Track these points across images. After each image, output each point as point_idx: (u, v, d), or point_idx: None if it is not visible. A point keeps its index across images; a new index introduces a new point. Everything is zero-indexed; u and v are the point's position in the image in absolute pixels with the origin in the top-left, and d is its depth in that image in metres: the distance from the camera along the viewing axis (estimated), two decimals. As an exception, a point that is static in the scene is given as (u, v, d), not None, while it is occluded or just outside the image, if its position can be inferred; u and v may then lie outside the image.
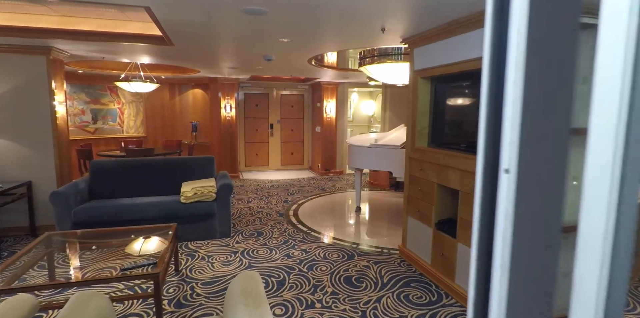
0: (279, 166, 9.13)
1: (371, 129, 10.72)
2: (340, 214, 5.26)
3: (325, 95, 8.22)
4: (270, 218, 4.98)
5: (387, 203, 5.92)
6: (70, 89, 6.88)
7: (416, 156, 3.44)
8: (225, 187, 4.10)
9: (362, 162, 4.75)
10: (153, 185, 4.41)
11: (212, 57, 4.94)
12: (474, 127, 2.83)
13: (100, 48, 4.34)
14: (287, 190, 6.73)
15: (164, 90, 7.97)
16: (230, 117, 7.77)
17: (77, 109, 7.04)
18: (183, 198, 3.97)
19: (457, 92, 3.07)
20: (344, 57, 6.71)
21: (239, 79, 7.71)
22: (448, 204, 3.20)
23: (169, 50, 4.43)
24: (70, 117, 6.92)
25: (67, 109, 4.66)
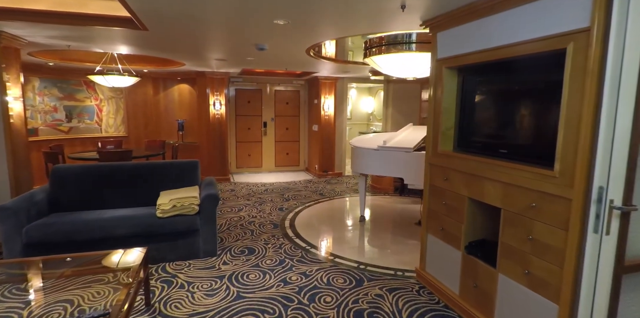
0: (273, 167, 8.51)
1: (370, 127, 10.15)
2: (343, 225, 4.67)
3: (323, 91, 7.61)
4: (264, 230, 4.37)
5: (393, 210, 5.34)
6: (40, 83, 6.19)
7: (439, 162, 2.85)
8: (209, 198, 3.48)
9: (368, 167, 4.16)
10: (126, 195, 3.77)
11: (196, 46, 4.30)
12: (522, 128, 2.24)
13: (62, 33, 3.68)
14: (282, 196, 6.12)
15: (146, 86, 7.29)
16: (220, 114, 7.12)
17: (48, 106, 6.34)
18: (159, 211, 3.35)
19: (495, 85, 2.48)
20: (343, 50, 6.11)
21: (229, 73, 7.07)
22: (481, 222, 2.62)
23: (143, 37, 3.78)
24: (40, 115, 6.24)
25: (24, 106, 3.99)
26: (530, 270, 2.04)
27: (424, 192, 3.04)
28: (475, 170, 2.45)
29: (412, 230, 4.39)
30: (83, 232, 3.18)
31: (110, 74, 5.23)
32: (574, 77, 1.77)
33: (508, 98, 2.36)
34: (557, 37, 1.84)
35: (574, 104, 1.77)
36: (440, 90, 2.81)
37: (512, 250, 2.17)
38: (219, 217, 4.84)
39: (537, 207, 1.99)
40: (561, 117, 1.83)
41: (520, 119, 2.25)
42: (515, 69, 2.25)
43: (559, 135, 1.85)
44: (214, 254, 3.55)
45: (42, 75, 6.16)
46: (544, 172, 1.94)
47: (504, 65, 2.35)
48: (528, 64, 2.17)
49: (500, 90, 2.43)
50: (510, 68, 2.31)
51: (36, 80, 6.11)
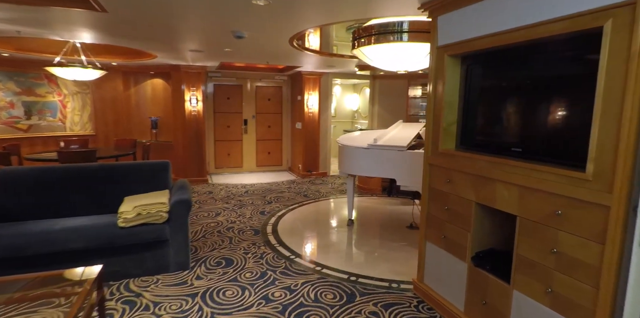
0: (255, 167, 8.10)
1: (355, 125, 9.85)
2: (330, 229, 4.33)
3: (306, 87, 7.25)
4: (243, 237, 3.98)
5: (382, 212, 5.04)
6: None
7: (440, 162, 2.53)
8: (180, 203, 3.07)
9: (358, 167, 3.83)
10: (86, 201, 3.32)
11: (166, 34, 3.86)
12: (540, 123, 1.94)
13: (8, 15, 3.20)
14: (264, 198, 5.73)
15: (116, 80, 6.75)
16: (197, 111, 6.66)
17: (3, 101, 5.75)
18: (121, 221, 2.92)
19: (507, 74, 2.18)
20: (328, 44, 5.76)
21: (206, 67, 6.61)
22: (490, 230, 2.32)
23: (104, 21, 3.34)
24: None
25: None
26: (555, 288, 1.75)
27: (422, 196, 2.73)
28: (484, 171, 2.14)
29: (404, 234, 4.09)
30: (31, 244, 2.72)
31: (71, 65, 4.72)
32: (614, 62, 1.48)
33: (523, 88, 2.06)
34: (591, 14, 1.54)
35: (613, 93, 1.48)
36: (441, 82, 2.50)
37: (531, 264, 1.87)
38: (193, 223, 4.42)
39: (563, 215, 1.70)
40: (595, 109, 1.54)
41: (539, 113, 1.95)
42: (534, 54, 1.95)
43: (593, 131, 1.55)
44: (187, 267, 3.14)
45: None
46: (573, 174, 1.64)
47: (519, 51, 2.05)
48: (550, 48, 1.87)
49: (513, 80, 2.13)
50: (527, 53, 2.01)
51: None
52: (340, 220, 4.69)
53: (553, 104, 1.88)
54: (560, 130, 1.82)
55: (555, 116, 1.87)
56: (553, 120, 1.87)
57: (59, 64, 4.69)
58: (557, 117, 1.86)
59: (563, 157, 1.78)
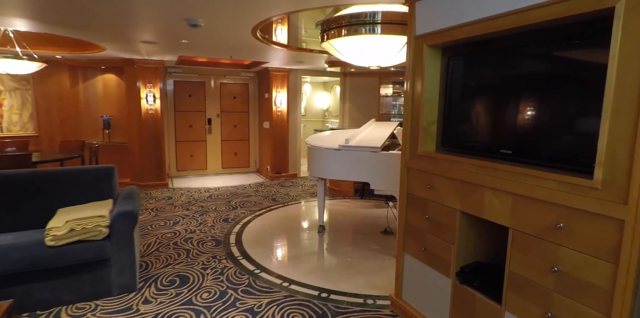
0: (220, 170, 7.64)
1: (326, 125, 9.58)
2: (299, 237, 4.00)
3: (274, 84, 6.88)
4: (203, 249, 3.58)
5: (355, 217, 4.77)
6: None
7: (420, 166, 2.27)
8: (123, 216, 2.64)
9: (328, 170, 3.52)
10: (10, 214, 2.82)
11: (109, 20, 3.39)
12: (534, 121, 1.71)
13: None
14: (229, 203, 5.32)
15: (61, 75, 6.10)
16: (154, 110, 6.13)
17: None
18: (50, 238, 2.46)
19: (494, 65, 1.93)
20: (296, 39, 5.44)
21: (163, 62, 6.10)
22: (477, 242, 2.08)
23: (31, 3, 2.84)
24: None
25: None
26: (555, 312, 1.51)
27: (399, 203, 2.46)
28: (470, 176, 1.89)
29: (379, 241, 3.83)
30: None
31: (2, 56, 4.13)
32: (627, 48, 1.24)
33: (513, 83, 1.82)
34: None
35: (627, 86, 1.25)
36: (420, 76, 2.23)
37: (526, 284, 1.63)
38: (147, 234, 3.97)
39: (565, 228, 1.46)
40: (605, 105, 1.30)
41: (532, 110, 1.72)
42: (527, 43, 1.71)
43: (602, 130, 1.32)
44: (133, 289, 2.72)
45: None
46: (577, 181, 1.41)
47: (510, 40, 1.81)
48: (546, 35, 1.63)
49: (502, 73, 1.89)
50: (518, 42, 1.77)
51: None
52: (311, 226, 4.37)
53: (548, 100, 1.64)
54: (559, 129, 1.59)
55: (551, 113, 1.63)
56: (548, 118, 1.64)
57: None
58: (553, 115, 1.62)
59: (563, 160, 1.55)
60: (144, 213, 4.76)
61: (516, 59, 1.79)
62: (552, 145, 1.61)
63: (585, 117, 1.47)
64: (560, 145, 1.59)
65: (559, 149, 1.58)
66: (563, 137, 1.58)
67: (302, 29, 5.49)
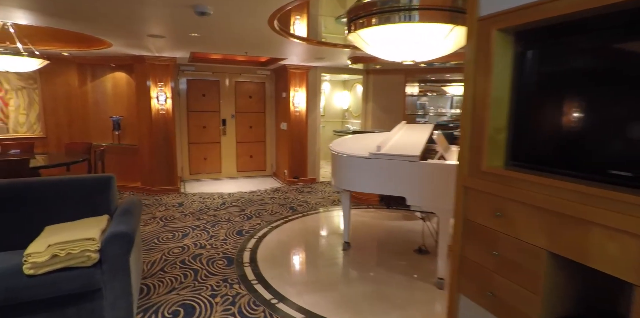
0: (235, 173, 7.24)
1: (346, 125, 9.09)
2: (321, 257, 3.53)
3: (292, 82, 6.42)
4: (213, 269, 3.15)
5: (382, 230, 4.27)
6: None
7: (484, 186, 1.76)
8: (115, 239, 2.22)
9: (356, 182, 3.04)
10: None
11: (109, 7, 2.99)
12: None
13: None
14: (243, 212, 4.90)
15: (69, 73, 5.80)
16: (166, 110, 5.77)
17: None
18: (29, 266, 2.06)
19: (601, 54, 1.41)
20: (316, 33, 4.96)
21: (175, 59, 5.72)
22: (569, 290, 1.56)
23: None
24: None
25: None
26: None
27: (454, 230, 1.95)
28: (566, 206, 1.38)
29: (414, 262, 3.33)
30: None
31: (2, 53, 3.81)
32: None
33: (630, 74, 1.29)
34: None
35: None
36: (485, 70, 1.72)
37: (667, 371, 1.11)
38: (152, 249, 3.57)
39: None
40: None
41: (670, 116, 1.19)
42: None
43: None
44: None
45: None
46: None
47: (619, 16, 1.29)
48: None
49: (610, 62, 1.37)
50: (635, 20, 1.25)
51: None
52: (334, 241, 3.90)
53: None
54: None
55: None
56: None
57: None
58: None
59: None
60: (151, 223, 4.39)
61: (633, 44, 1.27)
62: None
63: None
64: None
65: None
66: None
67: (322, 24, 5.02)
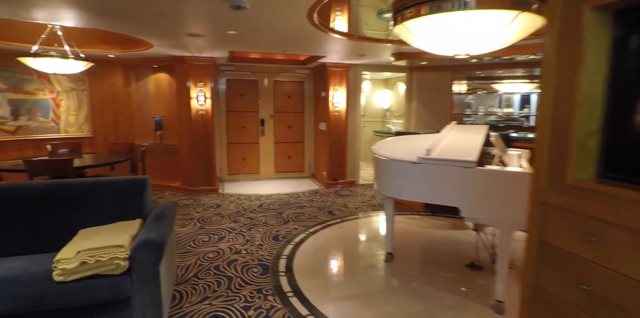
0: (273, 174, 7.14)
1: (387, 126, 8.73)
2: (362, 268, 3.27)
3: (332, 81, 6.20)
4: (248, 277, 3.00)
5: (428, 240, 3.93)
6: (-27, 70, 4.88)
7: (569, 203, 1.43)
8: (145, 247, 2.10)
9: (402, 189, 2.75)
10: (24, 234, 2.43)
11: (147, 8, 2.92)
12: None
13: None
14: (280, 215, 4.74)
15: (115, 75, 5.95)
16: (205, 110, 5.75)
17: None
18: (58, 272, 1.99)
19: None
20: (356, 29, 4.70)
21: (214, 59, 5.69)
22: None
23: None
24: (-25, 111, 4.94)
25: None
26: None
27: (526, 254, 1.63)
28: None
29: (466, 279, 2.99)
30: None
31: (48, 56, 3.89)
32: None
33: None
34: None
35: None
36: (573, 61, 1.39)
37: None
38: (188, 253, 3.49)
39: None
40: None
41: None
42: None
43: None
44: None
45: (-25, 60, 4.85)
46: None
47: None
48: None
49: None
50: None
51: (-33, 67, 4.81)
52: (375, 252, 3.62)
53: None
54: None
55: None
56: None
57: (34, 54, 3.88)
58: None
59: None
60: (189, 225, 4.34)
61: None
62: None
63: None
64: None
65: None
66: None
67: (363, 20, 4.75)
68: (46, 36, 3.92)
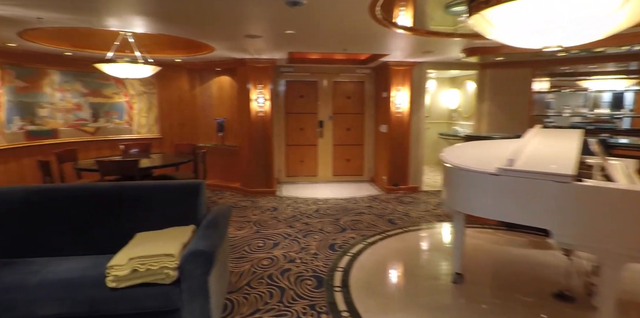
0: (331, 177, 6.96)
1: (453, 128, 8.13)
2: (426, 289, 2.93)
3: (394, 81, 5.85)
4: (301, 290, 2.82)
5: (504, 260, 3.46)
6: (60, 77, 5.34)
7: None
8: (194, 257, 2.01)
9: (477, 204, 2.37)
10: (85, 236, 2.49)
11: (210, 7, 2.88)
12: None
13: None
14: (337, 221, 4.53)
15: (181, 78, 6.19)
16: (264, 112, 5.74)
17: (70, 103, 5.49)
18: (111, 278, 1.96)
19: None
20: (422, 23, 4.31)
21: (274, 61, 5.65)
22: None
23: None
24: (61, 114, 5.41)
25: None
26: None
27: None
28: None
29: (554, 313, 2.52)
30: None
31: (120, 61, 4.09)
32: None
33: None
34: None
35: None
36: None
37: None
38: (242, 258, 3.42)
39: None
40: None
41: None
42: None
43: None
44: (204, 352, 2.08)
45: (62, 67, 5.30)
46: None
47: None
48: None
49: None
50: None
51: (55, 74, 5.26)
52: (441, 270, 3.25)
53: None
54: None
55: None
56: None
57: (107, 60, 4.10)
58: None
59: None
60: (245, 227, 4.31)
61: None
62: None
63: None
64: None
65: None
66: None
67: (429, 15, 4.36)
68: (119, 43, 4.12)
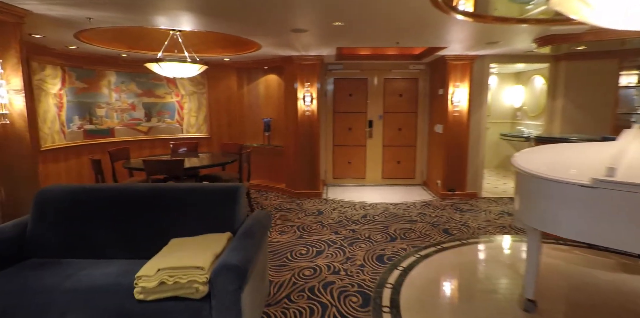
0: (380, 179, 6.59)
1: (518, 128, 7.38)
2: (490, 316, 2.52)
3: (452, 76, 5.36)
4: (344, 309, 2.54)
5: (587, 284, 2.91)
6: (116, 78, 5.53)
7: None
8: (225, 271, 1.81)
9: (561, 221, 1.94)
10: (126, 238, 2.40)
11: (249, 2, 2.70)
12: None
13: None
14: (386, 229, 4.19)
15: (230, 78, 6.17)
16: (311, 111, 5.53)
17: (125, 103, 5.66)
18: (138, 290, 1.82)
19: None
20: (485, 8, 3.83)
21: (322, 58, 5.41)
22: None
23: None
24: (117, 114, 5.60)
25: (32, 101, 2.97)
26: None
27: None
28: None
29: (658, 359, 2.01)
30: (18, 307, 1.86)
31: (168, 60, 4.08)
32: None
33: None
34: None
35: None
36: None
37: None
38: (283, 267, 3.21)
39: None
40: None
41: None
42: None
43: None
44: (235, 377, 1.88)
45: (118, 68, 5.48)
46: None
47: None
48: None
49: None
50: None
51: (112, 75, 5.45)
52: (510, 295, 2.80)
53: None
54: None
55: None
56: None
57: (157, 59, 4.11)
58: None
59: None
60: (288, 232, 4.12)
61: None
62: None
63: None
64: None
65: None
66: None
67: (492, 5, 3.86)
68: (168, 43, 4.11)
